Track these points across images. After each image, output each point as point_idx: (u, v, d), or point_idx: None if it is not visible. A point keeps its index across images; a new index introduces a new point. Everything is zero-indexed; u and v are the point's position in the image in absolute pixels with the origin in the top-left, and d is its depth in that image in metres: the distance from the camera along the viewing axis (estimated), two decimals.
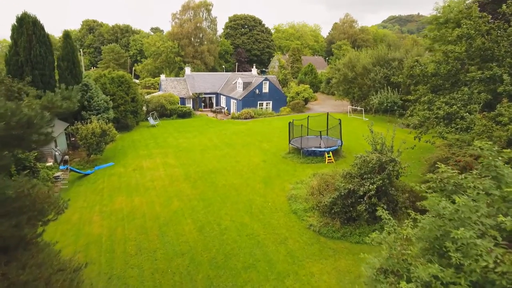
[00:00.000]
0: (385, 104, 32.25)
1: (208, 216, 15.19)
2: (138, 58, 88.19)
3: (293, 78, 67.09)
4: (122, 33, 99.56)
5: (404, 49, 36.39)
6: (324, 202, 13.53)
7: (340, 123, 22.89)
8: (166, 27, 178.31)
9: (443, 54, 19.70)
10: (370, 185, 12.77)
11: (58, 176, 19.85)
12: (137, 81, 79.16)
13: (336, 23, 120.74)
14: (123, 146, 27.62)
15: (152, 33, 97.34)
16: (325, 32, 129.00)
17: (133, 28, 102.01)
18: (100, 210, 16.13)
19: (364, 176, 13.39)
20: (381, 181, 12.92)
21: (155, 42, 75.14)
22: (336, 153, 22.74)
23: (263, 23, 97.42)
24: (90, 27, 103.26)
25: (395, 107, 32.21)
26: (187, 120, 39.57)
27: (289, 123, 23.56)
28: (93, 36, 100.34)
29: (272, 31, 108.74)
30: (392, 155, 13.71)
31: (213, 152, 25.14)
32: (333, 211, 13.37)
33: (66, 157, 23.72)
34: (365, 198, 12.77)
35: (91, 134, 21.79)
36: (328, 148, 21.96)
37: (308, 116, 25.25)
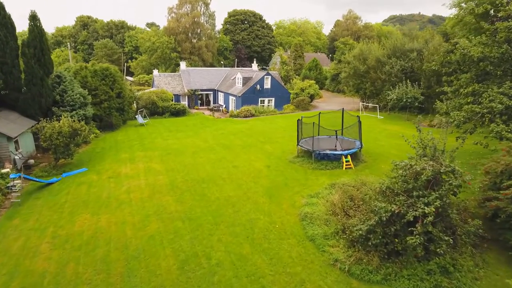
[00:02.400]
0: (404, 100, 28.33)
1: (194, 244, 11.27)
2: (134, 55, 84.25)
3: (296, 75, 63.26)
4: (117, 29, 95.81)
5: (423, 39, 32.46)
6: (359, 231, 9.59)
7: (359, 121, 18.97)
8: (163, 22, 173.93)
9: (490, 35, 15.82)
10: (426, 208, 8.85)
11: (13, 186, 15.93)
12: (131, 78, 75.44)
13: (338, 20, 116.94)
14: (103, 148, 23.69)
15: (148, 29, 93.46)
16: (325, 31, 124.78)
17: (128, 24, 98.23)
18: (53, 235, 12.20)
19: (413, 193, 9.48)
20: (439, 201, 9.01)
21: (150, 37, 71.30)
22: (354, 156, 18.84)
23: (263, 18, 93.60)
24: (84, 23, 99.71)
25: (416, 103, 28.27)
26: (180, 119, 35.66)
27: (297, 121, 19.65)
28: (87, 32, 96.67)
29: (273, 28, 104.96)
30: (448, 163, 9.80)
31: (207, 155, 21.23)
32: (370, 242, 9.44)
33: (31, 161, 19.81)
34: (417, 226, 8.85)
35: (57, 134, 17.86)
36: (346, 151, 18.04)
37: (320, 113, 21.33)
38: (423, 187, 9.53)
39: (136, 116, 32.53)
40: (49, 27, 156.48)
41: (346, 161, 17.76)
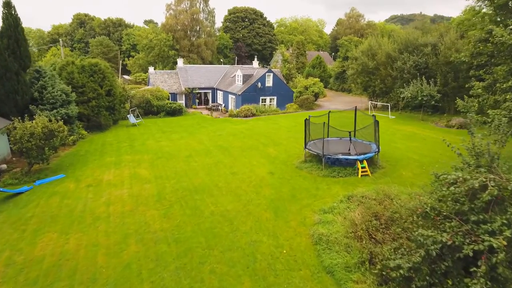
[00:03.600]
0: (419, 98, 25.93)
1: (180, 276, 8.90)
2: (132, 53, 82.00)
3: (298, 73, 60.95)
4: (115, 27, 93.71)
5: (438, 32, 30.06)
6: (398, 270, 7.18)
7: (376, 121, 16.59)
8: (161, 19, 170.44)
9: None
10: (491, 239, 6.46)
11: None
12: (128, 77, 73.20)
13: (340, 19, 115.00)
14: (88, 151, 21.34)
15: (146, 27, 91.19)
16: (326, 31, 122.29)
17: (126, 22, 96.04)
18: (7, 261, 9.84)
19: (469, 218, 7.10)
20: (509, 231, 6.62)
21: (148, 34, 68.99)
22: (370, 162, 16.45)
23: (264, 16, 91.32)
24: (81, 21, 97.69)
25: (432, 102, 25.86)
26: (176, 119, 33.33)
27: (305, 121, 17.27)
28: (84, 30, 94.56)
29: (275, 25, 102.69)
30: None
31: (203, 159, 18.87)
32: (413, 285, 7.05)
33: (3, 166, 17.46)
34: (480, 265, 6.46)
35: (28, 136, 15.52)
36: (362, 156, 15.65)
37: (330, 112, 18.96)
38: (482, 209, 7.15)
39: (128, 116, 30.18)
40: (46, 25, 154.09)
41: (362, 167, 15.38)
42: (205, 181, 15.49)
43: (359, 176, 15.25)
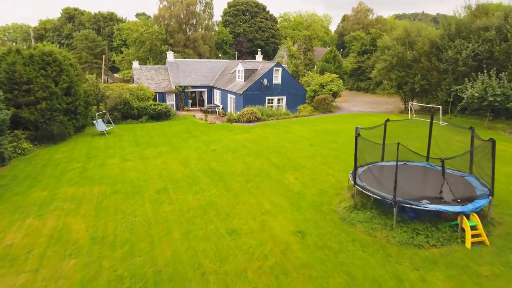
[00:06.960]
0: (489, 99, 18.75)
1: None
2: (123, 49, 74.98)
3: (305, 70, 53.87)
4: (106, 22, 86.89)
5: (502, 11, 22.88)
6: None
7: (491, 140, 9.43)
8: (154, 12, 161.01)
9: None
10: None
11: None
12: (116, 75, 66.29)
13: (346, 15, 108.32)
14: (15, 177, 14.25)
15: (138, 20, 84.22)
16: (330, 29, 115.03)
17: (118, 16, 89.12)
18: None
19: None
20: None
21: (138, 27, 61.91)
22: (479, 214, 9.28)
23: (267, 9, 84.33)
24: (71, 15, 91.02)
25: (509, 104, 18.70)
26: (160, 124, 26.22)
27: (356, 138, 10.03)
28: (73, 25, 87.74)
29: (278, 20, 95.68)
30: None
31: (183, 197, 11.72)
32: None
33: None
34: None
35: None
36: (470, 206, 8.47)
37: (387, 120, 11.78)
38: None
39: (95, 122, 22.99)
40: (34, 21, 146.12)
41: (472, 227, 8.24)
42: (179, 253, 8.35)
43: (468, 245, 8.11)
